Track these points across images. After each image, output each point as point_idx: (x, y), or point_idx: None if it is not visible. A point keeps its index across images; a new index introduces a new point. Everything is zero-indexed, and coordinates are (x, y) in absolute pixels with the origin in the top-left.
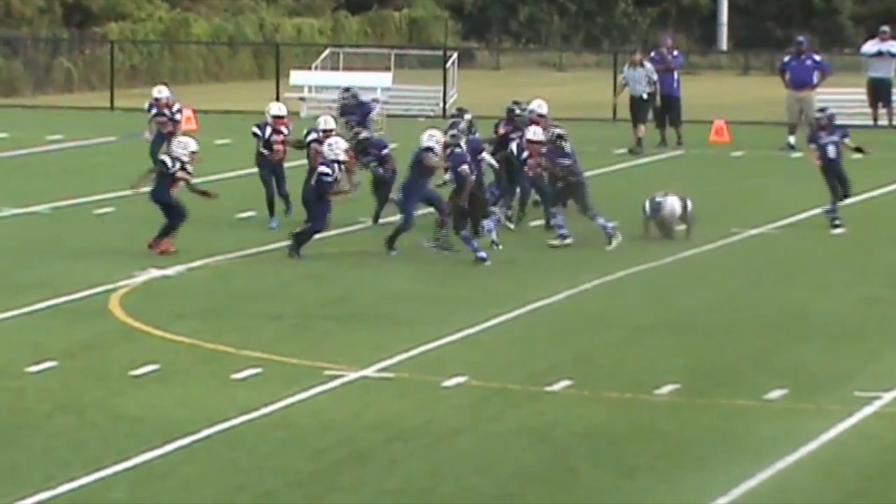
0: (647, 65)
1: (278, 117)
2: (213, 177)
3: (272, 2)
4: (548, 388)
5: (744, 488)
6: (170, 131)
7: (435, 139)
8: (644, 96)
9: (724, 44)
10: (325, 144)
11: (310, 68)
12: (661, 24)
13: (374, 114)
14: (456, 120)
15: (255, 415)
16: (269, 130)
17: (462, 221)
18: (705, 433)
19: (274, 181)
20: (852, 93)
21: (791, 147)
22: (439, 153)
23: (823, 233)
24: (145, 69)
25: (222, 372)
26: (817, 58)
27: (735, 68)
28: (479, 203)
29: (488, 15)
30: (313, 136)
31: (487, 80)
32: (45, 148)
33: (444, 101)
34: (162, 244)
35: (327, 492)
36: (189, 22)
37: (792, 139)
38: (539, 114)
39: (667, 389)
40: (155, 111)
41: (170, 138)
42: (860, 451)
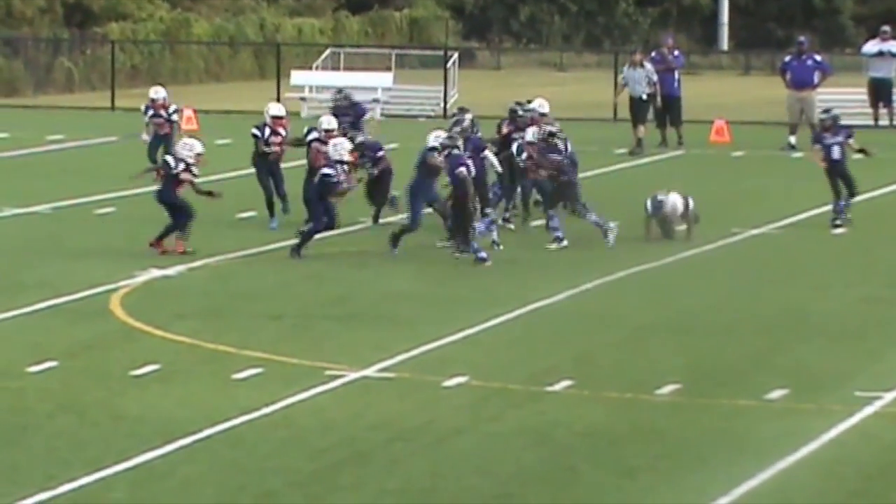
0: (647, 65)
1: (277, 117)
2: (214, 177)
3: (273, 2)
4: (548, 388)
5: (745, 488)
6: (166, 133)
7: (440, 140)
8: (644, 97)
9: (724, 44)
10: (329, 145)
11: (310, 68)
12: (661, 24)
13: (367, 115)
14: (459, 118)
15: (255, 415)
16: (268, 131)
17: (467, 223)
18: (706, 433)
19: (272, 182)
20: (853, 93)
21: (792, 147)
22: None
23: (824, 233)
24: (146, 69)
25: (223, 372)
26: (818, 58)
27: (736, 68)
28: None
29: (489, 15)
30: (314, 135)
31: (488, 80)
32: (46, 148)
33: (445, 102)
34: (167, 245)
35: (328, 492)
36: (190, 22)
37: (793, 139)
38: (541, 113)
39: (667, 389)
40: (151, 112)
41: (166, 139)
42: (861, 451)
